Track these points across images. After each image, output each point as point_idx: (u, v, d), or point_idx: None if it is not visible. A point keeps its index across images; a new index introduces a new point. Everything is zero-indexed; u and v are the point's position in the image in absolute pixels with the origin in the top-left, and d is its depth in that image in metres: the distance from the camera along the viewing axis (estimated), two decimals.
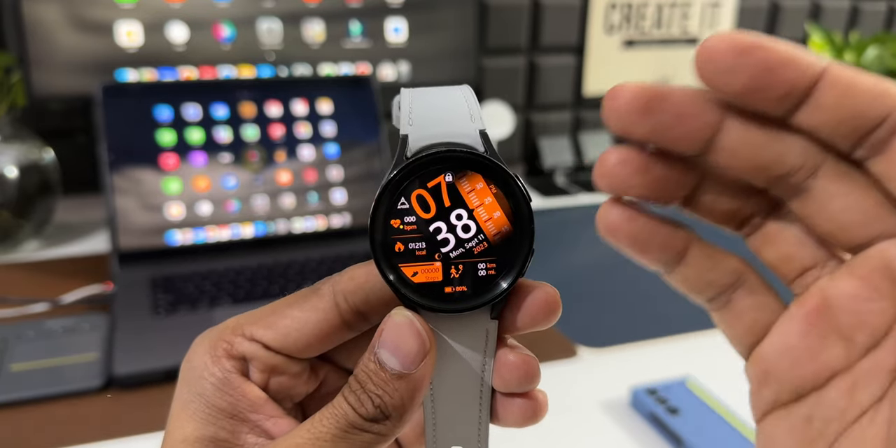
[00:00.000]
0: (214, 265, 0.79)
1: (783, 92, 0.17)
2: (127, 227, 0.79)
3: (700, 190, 0.20)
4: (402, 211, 0.21)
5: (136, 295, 0.73)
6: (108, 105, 0.80)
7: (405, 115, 0.22)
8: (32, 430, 0.55)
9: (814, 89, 0.17)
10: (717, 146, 0.18)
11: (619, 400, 0.60)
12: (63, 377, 0.60)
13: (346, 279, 0.24)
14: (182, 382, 0.24)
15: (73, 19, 0.86)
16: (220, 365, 0.23)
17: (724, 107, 0.18)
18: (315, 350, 0.24)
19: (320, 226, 0.87)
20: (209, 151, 0.83)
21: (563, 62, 1.25)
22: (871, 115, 0.17)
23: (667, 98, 0.18)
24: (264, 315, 0.24)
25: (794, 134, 0.18)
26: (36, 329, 0.68)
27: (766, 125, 0.18)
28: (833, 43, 1.35)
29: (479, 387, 0.23)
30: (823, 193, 0.19)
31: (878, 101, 0.17)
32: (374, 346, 0.21)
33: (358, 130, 0.89)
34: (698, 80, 0.18)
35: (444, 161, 0.21)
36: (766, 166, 0.19)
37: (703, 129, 0.18)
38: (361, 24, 0.99)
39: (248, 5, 0.94)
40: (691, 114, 0.18)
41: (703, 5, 1.30)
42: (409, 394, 0.21)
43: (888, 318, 0.18)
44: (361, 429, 0.21)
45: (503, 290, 0.21)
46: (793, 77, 0.17)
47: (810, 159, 0.18)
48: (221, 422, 0.23)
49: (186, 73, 0.93)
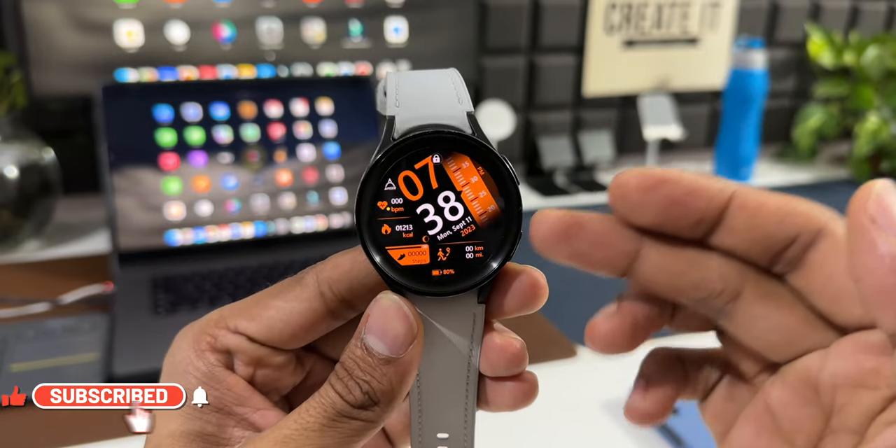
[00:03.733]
0: (214, 265, 0.79)
1: (694, 220, 0.19)
2: (127, 227, 0.79)
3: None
4: (389, 192, 0.21)
5: (136, 295, 0.73)
6: (108, 105, 0.80)
7: (391, 97, 0.21)
8: (32, 430, 0.55)
9: (724, 214, 0.19)
10: (636, 271, 0.20)
11: (619, 400, 0.60)
12: (63, 377, 0.60)
13: (331, 267, 0.23)
14: (166, 377, 0.23)
15: (73, 19, 0.86)
16: (204, 359, 0.23)
17: (641, 235, 0.19)
18: (300, 341, 0.24)
19: (320, 226, 0.87)
20: (209, 151, 0.83)
21: (563, 62, 1.25)
22: (780, 235, 0.18)
23: (584, 226, 0.19)
24: (247, 307, 0.23)
25: (712, 259, 0.19)
26: (36, 329, 0.68)
27: (682, 252, 0.19)
28: (833, 43, 1.35)
29: (466, 372, 0.23)
30: (747, 316, 0.19)
31: (785, 222, 0.18)
32: (361, 331, 0.21)
33: (358, 130, 0.89)
34: (614, 214, 0.19)
35: (431, 142, 0.20)
36: (684, 291, 0.20)
37: (619, 257, 0.19)
38: (361, 24, 0.99)
39: (248, 5, 0.94)
40: (607, 242, 0.19)
41: (703, 5, 1.30)
42: (397, 379, 0.21)
43: (819, 423, 0.19)
44: (350, 416, 0.21)
45: (491, 273, 0.21)
46: (701, 206, 0.18)
47: (731, 283, 0.19)
48: (207, 416, 0.23)
49: (186, 74, 0.93)
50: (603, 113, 1.31)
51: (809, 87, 1.43)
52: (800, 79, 1.46)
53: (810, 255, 0.18)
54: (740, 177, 1.25)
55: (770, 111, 1.41)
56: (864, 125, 1.26)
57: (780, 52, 1.42)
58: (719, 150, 1.27)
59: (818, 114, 1.33)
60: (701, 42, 1.33)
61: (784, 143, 1.47)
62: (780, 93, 1.45)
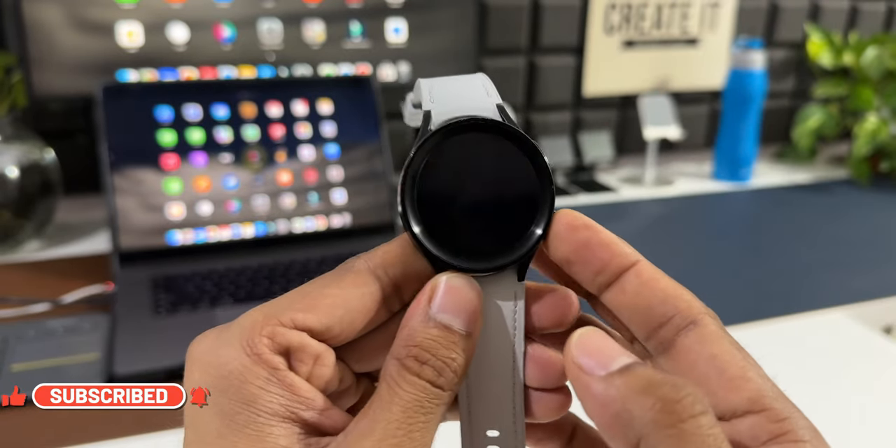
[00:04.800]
0: (215, 265, 0.79)
1: (596, 268, 0.22)
2: (127, 227, 0.79)
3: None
4: (431, 175, 0.22)
5: (136, 295, 0.73)
6: (109, 105, 0.80)
7: (426, 96, 0.24)
8: (33, 430, 0.55)
9: (622, 276, 0.21)
10: (616, 287, 0.22)
11: None
12: (64, 377, 0.60)
13: (381, 254, 0.23)
14: (214, 395, 0.21)
15: (73, 19, 0.86)
16: (264, 363, 0.21)
17: (638, 256, 0.22)
18: (361, 330, 0.23)
19: (320, 226, 0.87)
20: (210, 152, 0.83)
21: (562, 62, 1.25)
22: (659, 310, 0.21)
23: (595, 232, 0.22)
24: (298, 299, 0.22)
25: (686, 293, 0.22)
26: (36, 329, 0.68)
27: (664, 284, 0.22)
28: (832, 43, 1.36)
29: (512, 355, 0.23)
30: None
31: (668, 301, 0.21)
32: (426, 312, 0.21)
33: (358, 131, 0.89)
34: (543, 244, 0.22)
35: (468, 128, 0.22)
36: (650, 320, 0.22)
37: (610, 268, 0.22)
38: (361, 24, 0.99)
39: (249, 6, 0.94)
40: (610, 247, 0.22)
41: (702, 5, 1.30)
42: (470, 353, 0.22)
43: None
44: (439, 401, 0.21)
45: (533, 243, 0.22)
46: (606, 257, 0.21)
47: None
48: (276, 429, 0.21)
49: (187, 74, 0.93)
50: (603, 113, 1.31)
51: (809, 87, 1.44)
52: (799, 79, 1.46)
53: (681, 339, 0.21)
54: (740, 177, 1.26)
55: (769, 111, 1.41)
56: (864, 125, 1.26)
57: (780, 53, 1.42)
58: (719, 151, 1.27)
59: (817, 114, 1.33)
60: (700, 42, 1.33)
61: (783, 144, 1.47)
62: (779, 93, 1.45)
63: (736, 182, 1.26)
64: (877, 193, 1.23)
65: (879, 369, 0.67)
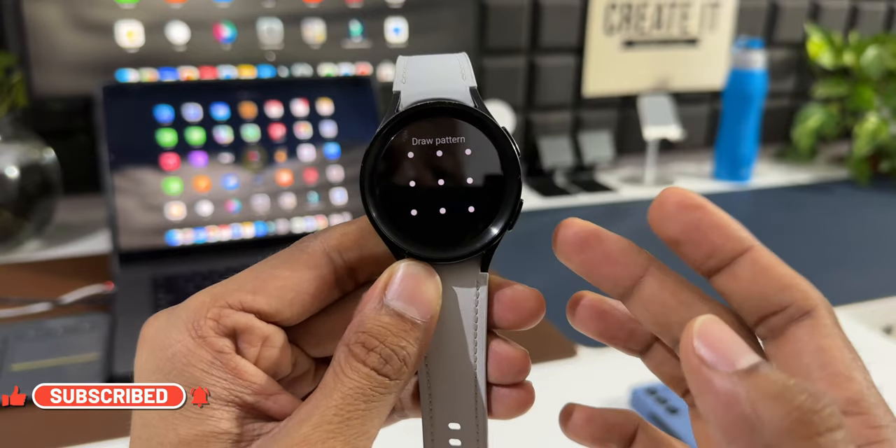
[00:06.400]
0: (215, 265, 0.79)
1: (707, 251, 0.20)
2: (127, 227, 0.79)
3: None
4: (392, 161, 0.22)
5: (136, 295, 0.73)
6: (109, 105, 0.80)
7: (399, 75, 0.22)
8: (32, 430, 0.55)
9: (735, 261, 0.20)
10: (633, 296, 0.21)
11: (618, 400, 0.60)
12: (64, 377, 0.60)
13: (339, 235, 0.23)
14: (161, 377, 0.21)
15: (73, 19, 0.86)
16: (208, 346, 0.21)
17: (649, 263, 0.21)
18: (309, 312, 0.23)
19: (320, 226, 0.87)
20: (209, 151, 0.83)
21: (562, 62, 1.25)
22: (775, 299, 0.20)
23: (602, 241, 0.21)
24: (247, 280, 0.22)
25: (705, 307, 0.21)
26: (36, 329, 0.68)
27: (680, 291, 0.21)
28: (832, 43, 1.35)
29: (474, 344, 0.23)
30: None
31: (785, 290, 0.20)
32: (381, 298, 0.21)
33: (358, 130, 0.89)
34: (649, 219, 0.21)
35: (433, 112, 0.21)
36: (668, 327, 0.21)
37: (623, 277, 0.21)
38: (361, 24, 0.99)
39: (249, 6, 0.94)
40: (618, 260, 0.21)
41: (702, 5, 1.30)
42: (424, 343, 0.21)
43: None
44: (386, 390, 0.20)
45: (493, 237, 0.22)
46: (719, 241, 0.20)
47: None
48: (218, 412, 0.20)
49: (187, 74, 0.93)
50: (603, 113, 1.31)
51: (809, 87, 1.44)
52: (799, 79, 1.46)
53: (792, 328, 0.20)
54: (740, 177, 1.26)
55: (769, 111, 1.41)
56: (864, 125, 1.26)
57: (780, 53, 1.42)
58: (719, 151, 1.27)
59: (818, 114, 1.33)
60: (700, 42, 1.33)
61: (784, 144, 1.47)
62: (779, 93, 1.45)
63: (736, 182, 1.26)
64: (877, 193, 1.23)
65: (879, 369, 0.67)
